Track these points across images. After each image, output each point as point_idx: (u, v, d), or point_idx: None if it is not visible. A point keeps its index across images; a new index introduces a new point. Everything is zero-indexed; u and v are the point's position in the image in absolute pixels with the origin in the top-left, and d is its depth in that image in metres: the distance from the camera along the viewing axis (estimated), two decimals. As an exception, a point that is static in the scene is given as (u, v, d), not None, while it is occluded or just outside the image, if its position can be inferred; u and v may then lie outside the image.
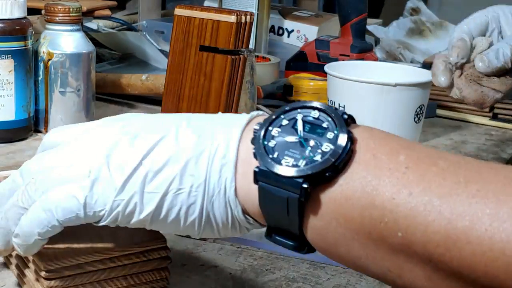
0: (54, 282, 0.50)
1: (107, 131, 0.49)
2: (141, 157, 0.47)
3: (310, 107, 0.46)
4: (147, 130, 0.48)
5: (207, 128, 0.48)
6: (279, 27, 1.46)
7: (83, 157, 0.47)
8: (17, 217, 0.48)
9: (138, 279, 0.53)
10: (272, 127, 0.46)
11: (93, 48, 0.96)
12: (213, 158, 0.46)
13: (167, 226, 0.48)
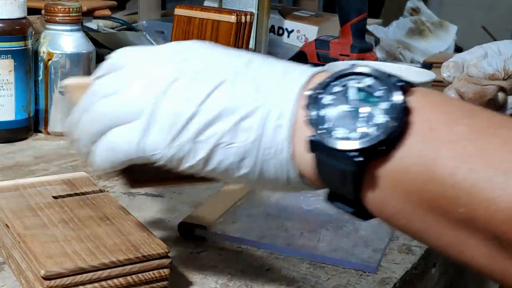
0: (54, 282, 0.50)
1: (167, 64, 0.48)
2: (197, 105, 0.46)
3: (363, 73, 0.44)
4: (206, 72, 0.47)
5: (266, 80, 0.47)
6: (279, 27, 1.46)
7: (138, 91, 0.47)
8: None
9: (138, 278, 0.53)
10: (325, 94, 0.45)
11: (93, 48, 0.96)
12: (268, 117, 0.46)
13: (219, 175, 0.48)
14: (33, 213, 0.58)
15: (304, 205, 0.73)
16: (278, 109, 0.45)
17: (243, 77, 0.47)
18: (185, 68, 0.48)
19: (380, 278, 0.61)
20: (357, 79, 0.44)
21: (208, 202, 0.72)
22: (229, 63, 0.48)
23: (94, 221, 0.57)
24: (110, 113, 0.48)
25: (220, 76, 0.47)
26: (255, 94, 0.46)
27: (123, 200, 0.74)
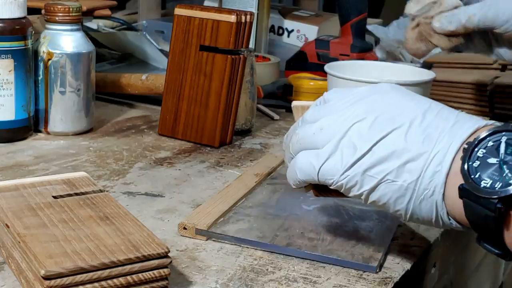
0: (54, 282, 0.50)
1: (359, 105, 0.57)
2: (372, 144, 0.55)
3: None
4: (386, 116, 0.55)
5: (436, 129, 0.55)
6: (279, 27, 1.46)
7: (329, 126, 0.57)
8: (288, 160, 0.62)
9: (138, 278, 0.53)
10: (479, 148, 0.52)
11: (93, 48, 0.96)
12: (430, 162, 0.54)
13: (378, 207, 0.57)
14: (33, 213, 0.58)
15: (304, 205, 0.73)
16: (440, 157, 0.53)
17: (418, 125, 0.55)
18: (372, 109, 0.56)
19: (380, 278, 0.61)
20: (510, 135, 0.52)
21: (209, 202, 0.72)
22: (409, 111, 0.56)
23: (94, 221, 0.57)
24: (305, 138, 0.59)
25: (399, 122, 0.55)
26: (423, 142, 0.54)
27: (123, 200, 0.74)
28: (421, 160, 0.54)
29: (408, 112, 0.56)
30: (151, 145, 0.94)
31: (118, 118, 1.06)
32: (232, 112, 0.94)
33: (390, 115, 0.56)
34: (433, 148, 0.54)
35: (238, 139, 0.98)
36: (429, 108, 0.56)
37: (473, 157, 0.52)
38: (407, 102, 0.57)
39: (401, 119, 0.55)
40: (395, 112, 0.56)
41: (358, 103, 0.57)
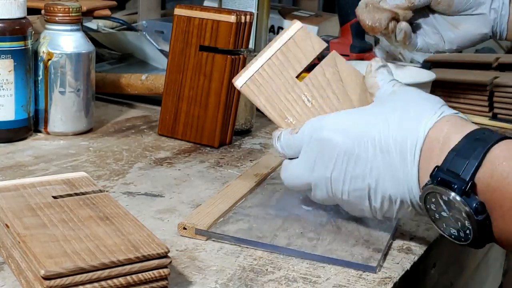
0: (53, 282, 0.50)
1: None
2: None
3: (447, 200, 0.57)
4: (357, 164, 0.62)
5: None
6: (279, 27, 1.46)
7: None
8: None
9: (138, 278, 0.53)
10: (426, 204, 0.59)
11: (93, 48, 0.96)
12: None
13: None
14: (33, 213, 0.58)
15: (304, 205, 0.73)
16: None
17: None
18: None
19: (380, 278, 0.61)
20: (443, 193, 0.57)
21: (208, 202, 0.72)
22: (374, 164, 0.61)
23: (94, 221, 0.57)
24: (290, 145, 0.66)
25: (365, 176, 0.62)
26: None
27: (123, 200, 0.74)
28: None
29: (374, 167, 0.61)
30: (151, 145, 0.94)
31: (118, 118, 1.06)
32: (232, 112, 0.94)
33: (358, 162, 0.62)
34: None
35: (238, 139, 0.98)
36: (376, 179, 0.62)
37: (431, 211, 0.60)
38: (373, 153, 0.61)
39: (368, 173, 0.62)
40: (364, 165, 0.62)
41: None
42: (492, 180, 0.55)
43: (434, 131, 0.59)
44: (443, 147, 0.58)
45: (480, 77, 1.18)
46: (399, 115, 0.60)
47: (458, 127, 0.59)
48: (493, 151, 0.56)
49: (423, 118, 0.60)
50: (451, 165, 0.57)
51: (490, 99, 1.17)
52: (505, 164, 0.55)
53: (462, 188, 0.56)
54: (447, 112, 0.61)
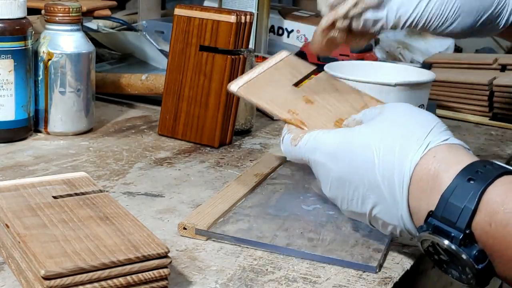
0: (53, 282, 0.50)
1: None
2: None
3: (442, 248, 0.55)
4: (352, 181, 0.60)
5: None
6: (279, 27, 1.46)
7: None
8: None
9: (138, 278, 0.53)
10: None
11: (93, 48, 0.96)
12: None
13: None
14: (33, 213, 0.58)
15: (304, 205, 0.73)
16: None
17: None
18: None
19: (379, 278, 0.61)
20: (439, 242, 0.54)
21: (208, 202, 0.72)
22: (368, 184, 0.59)
23: (94, 221, 0.57)
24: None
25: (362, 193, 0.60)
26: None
27: (123, 200, 0.74)
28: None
29: (369, 182, 0.60)
30: (151, 145, 0.94)
31: (118, 118, 1.06)
32: (232, 112, 0.95)
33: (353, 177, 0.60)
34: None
35: (238, 139, 0.98)
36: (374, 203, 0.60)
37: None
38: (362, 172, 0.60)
39: (365, 190, 0.60)
40: (357, 175, 0.60)
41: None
42: (491, 228, 0.52)
43: (420, 169, 0.56)
44: (433, 188, 0.55)
45: (480, 77, 1.18)
46: (384, 147, 0.58)
47: (447, 164, 0.55)
48: (489, 194, 0.52)
49: (408, 153, 0.57)
50: (445, 212, 0.54)
51: (490, 99, 1.17)
52: (503, 212, 0.51)
53: (459, 238, 0.53)
54: (434, 143, 0.57)
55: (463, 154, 0.57)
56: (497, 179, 0.53)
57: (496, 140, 1.07)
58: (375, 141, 0.59)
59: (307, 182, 0.80)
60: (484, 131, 1.12)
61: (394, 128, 0.59)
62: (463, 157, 0.56)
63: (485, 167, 0.54)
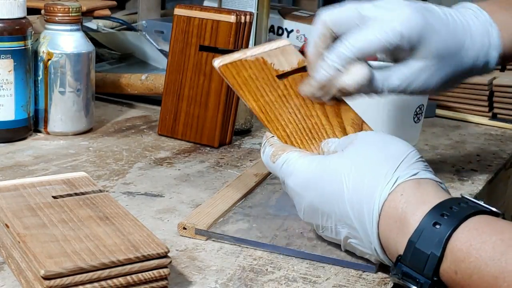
0: (53, 282, 0.50)
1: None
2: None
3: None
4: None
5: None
6: (278, 27, 1.46)
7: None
8: None
9: (138, 278, 0.53)
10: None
11: (92, 48, 0.96)
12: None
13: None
14: (32, 213, 0.58)
15: (304, 205, 0.73)
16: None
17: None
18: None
19: (379, 278, 0.61)
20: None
21: (208, 202, 0.72)
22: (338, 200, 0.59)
23: (93, 221, 0.57)
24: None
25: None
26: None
27: (123, 200, 0.74)
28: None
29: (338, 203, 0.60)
30: (151, 145, 0.94)
31: (118, 118, 1.06)
32: (232, 112, 0.95)
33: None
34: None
35: (238, 139, 0.98)
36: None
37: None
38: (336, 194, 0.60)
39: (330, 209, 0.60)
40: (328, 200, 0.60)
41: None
42: (457, 277, 0.52)
43: (388, 206, 0.56)
44: (401, 231, 0.55)
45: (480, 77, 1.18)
46: (353, 180, 0.58)
47: (414, 204, 0.55)
48: (455, 239, 0.52)
49: (377, 188, 0.57)
50: (412, 258, 0.54)
51: (490, 99, 1.17)
52: (468, 261, 0.51)
53: (428, 285, 0.53)
54: (402, 178, 0.57)
55: (431, 192, 0.57)
56: (463, 223, 0.53)
57: (496, 140, 1.07)
58: (345, 173, 0.59)
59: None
60: (484, 131, 1.12)
61: (364, 160, 0.59)
62: (430, 195, 0.56)
63: (451, 208, 0.54)
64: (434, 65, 0.69)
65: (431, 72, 0.69)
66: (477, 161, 0.96)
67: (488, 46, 0.72)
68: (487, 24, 0.72)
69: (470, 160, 0.96)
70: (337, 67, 0.66)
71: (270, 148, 0.64)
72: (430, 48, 0.68)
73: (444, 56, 0.69)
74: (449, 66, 0.70)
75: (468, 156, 0.98)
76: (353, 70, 0.66)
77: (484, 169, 0.93)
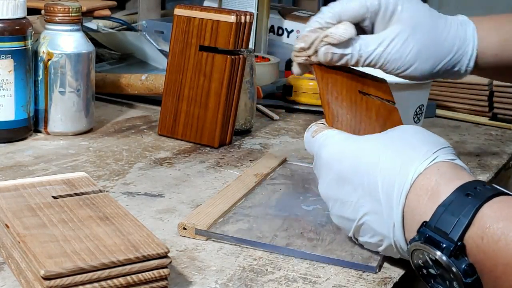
0: (53, 282, 0.50)
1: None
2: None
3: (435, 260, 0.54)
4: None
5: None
6: (278, 27, 1.46)
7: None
8: None
9: (138, 278, 0.53)
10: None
11: (92, 48, 0.96)
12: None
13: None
14: (32, 213, 0.58)
15: (304, 205, 0.73)
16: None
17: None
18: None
19: (379, 278, 0.61)
20: (430, 252, 0.54)
21: (208, 202, 0.72)
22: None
23: (93, 221, 0.57)
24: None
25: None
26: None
27: (123, 200, 0.74)
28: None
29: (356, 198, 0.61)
30: (151, 145, 0.94)
31: (118, 118, 1.06)
32: (232, 112, 0.95)
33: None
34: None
35: (238, 139, 0.98)
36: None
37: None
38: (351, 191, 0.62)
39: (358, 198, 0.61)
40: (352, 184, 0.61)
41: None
42: (483, 242, 0.52)
43: (422, 179, 0.57)
44: (431, 199, 0.56)
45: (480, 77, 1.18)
46: (391, 154, 0.59)
47: (449, 178, 0.56)
48: (484, 209, 0.53)
49: (413, 163, 0.58)
50: (439, 222, 0.54)
51: (490, 99, 1.17)
52: (496, 226, 0.52)
53: (451, 249, 0.53)
54: (440, 158, 0.58)
55: (465, 174, 0.58)
56: (494, 198, 0.54)
57: (496, 140, 1.07)
58: (383, 148, 0.60)
59: (307, 182, 0.80)
60: (484, 131, 1.12)
61: (404, 140, 0.60)
62: (464, 175, 0.57)
63: (484, 186, 0.55)
64: (409, 30, 0.72)
65: (407, 37, 0.72)
66: (477, 161, 0.96)
67: (464, 36, 0.75)
68: (464, 20, 0.76)
69: (470, 160, 0.96)
70: (319, 21, 0.72)
71: (314, 126, 0.67)
72: (405, 15, 0.72)
73: (417, 26, 0.73)
74: (426, 38, 0.73)
75: (468, 156, 0.98)
76: (339, 25, 0.71)
77: (484, 169, 0.93)
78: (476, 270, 0.53)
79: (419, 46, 0.73)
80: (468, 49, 0.75)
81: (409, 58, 0.73)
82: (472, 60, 0.75)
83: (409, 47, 0.72)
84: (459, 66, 0.76)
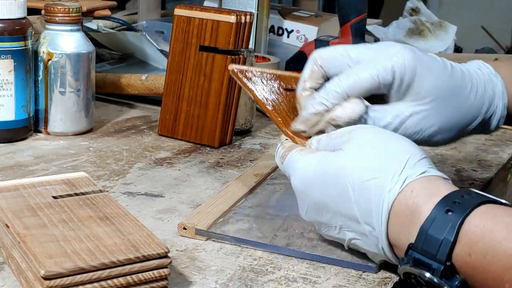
0: (53, 282, 0.50)
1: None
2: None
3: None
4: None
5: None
6: (278, 27, 1.46)
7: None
8: None
9: (138, 278, 0.53)
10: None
11: (93, 48, 0.96)
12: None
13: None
14: (33, 213, 0.58)
15: (304, 205, 0.73)
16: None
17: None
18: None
19: (379, 278, 0.61)
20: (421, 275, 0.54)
21: (208, 202, 0.72)
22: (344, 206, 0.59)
23: (94, 221, 0.57)
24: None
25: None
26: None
27: (123, 200, 0.74)
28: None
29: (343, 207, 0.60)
30: (151, 145, 0.94)
31: (118, 118, 1.06)
32: (232, 112, 0.95)
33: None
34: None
35: (238, 139, 0.98)
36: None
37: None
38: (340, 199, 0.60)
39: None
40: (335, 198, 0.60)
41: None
42: (471, 259, 0.52)
43: (399, 204, 0.56)
44: (412, 221, 0.55)
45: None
46: (359, 182, 0.57)
47: (426, 196, 0.55)
48: (467, 223, 0.53)
49: (385, 189, 0.56)
50: (424, 245, 0.53)
51: (490, 99, 1.17)
52: (482, 241, 0.52)
53: (440, 270, 0.53)
54: (410, 178, 0.56)
55: (441, 185, 0.56)
56: (475, 209, 0.53)
57: (496, 140, 1.07)
58: (349, 174, 0.58)
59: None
60: (484, 131, 1.12)
61: (367, 162, 0.58)
62: (441, 188, 0.56)
63: (462, 197, 0.54)
64: (430, 105, 0.66)
65: (427, 113, 0.66)
66: (477, 161, 0.96)
67: (493, 95, 0.69)
68: (491, 75, 0.70)
69: (470, 160, 0.96)
70: (325, 103, 0.64)
71: (280, 150, 0.66)
72: (424, 86, 0.65)
73: (439, 99, 0.66)
74: (449, 110, 0.67)
75: (468, 156, 0.98)
76: (346, 105, 0.64)
77: (484, 169, 0.93)
78: (469, 285, 0.53)
79: (442, 120, 0.66)
80: (498, 108, 0.70)
81: (430, 132, 0.67)
82: (503, 118, 0.70)
83: (429, 123, 0.66)
84: (488, 125, 0.71)
